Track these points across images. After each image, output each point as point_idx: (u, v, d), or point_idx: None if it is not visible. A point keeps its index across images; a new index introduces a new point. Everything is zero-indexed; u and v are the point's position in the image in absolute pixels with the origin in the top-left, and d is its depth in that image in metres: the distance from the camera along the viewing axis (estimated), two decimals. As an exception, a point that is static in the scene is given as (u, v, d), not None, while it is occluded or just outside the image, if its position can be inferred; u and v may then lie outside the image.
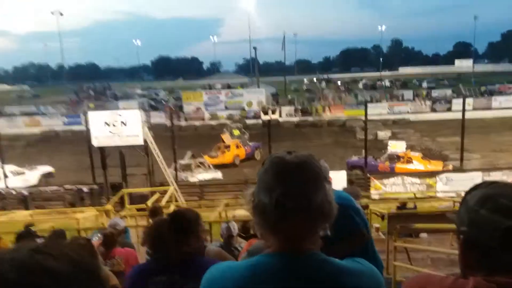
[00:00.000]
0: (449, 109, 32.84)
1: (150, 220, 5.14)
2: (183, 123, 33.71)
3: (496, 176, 14.68)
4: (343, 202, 1.33)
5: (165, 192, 11.20)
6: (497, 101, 34.36)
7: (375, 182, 14.74)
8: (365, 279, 0.92)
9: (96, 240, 4.15)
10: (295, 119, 33.54)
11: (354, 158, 18.11)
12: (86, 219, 9.17)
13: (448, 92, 38.14)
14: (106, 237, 3.81)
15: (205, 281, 0.97)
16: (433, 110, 33.77)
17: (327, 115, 33.91)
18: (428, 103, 34.60)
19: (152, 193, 12.67)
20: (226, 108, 35.92)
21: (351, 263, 0.94)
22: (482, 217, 0.80)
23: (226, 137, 21.99)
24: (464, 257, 0.88)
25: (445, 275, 0.92)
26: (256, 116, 32.18)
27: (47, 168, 18.99)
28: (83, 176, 16.85)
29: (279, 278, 0.88)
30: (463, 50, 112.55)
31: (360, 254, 1.07)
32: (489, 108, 33.46)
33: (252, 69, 50.91)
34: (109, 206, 9.80)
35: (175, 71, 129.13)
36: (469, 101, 31.83)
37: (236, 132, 23.73)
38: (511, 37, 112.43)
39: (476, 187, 0.89)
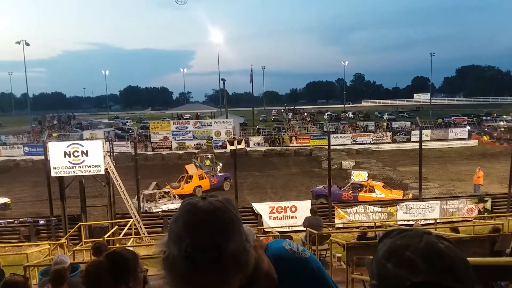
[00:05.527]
0: (408, 140, 34.46)
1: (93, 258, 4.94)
2: (150, 152, 33.24)
3: (453, 204, 15.34)
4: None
5: (125, 224, 10.87)
6: (453, 132, 36.47)
7: (339, 211, 14.98)
8: None
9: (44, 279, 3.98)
10: (263, 148, 34.02)
11: (319, 187, 18.44)
12: (38, 253, 8.70)
13: (408, 123, 40.01)
14: (55, 274, 3.69)
15: None
16: (394, 140, 35.35)
17: (294, 145, 34.61)
18: (389, 134, 36.19)
19: (113, 225, 12.31)
20: (194, 137, 35.94)
21: None
22: (389, 272, 0.78)
23: (190, 167, 21.69)
24: None
25: None
26: (224, 146, 32.28)
27: (3, 200, 18.08)
28: (41, 207, 16.11)
29: None
30: (421, 84, 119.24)
31: None
32: (445, 139, 35.36)
33: (221, 100, 51.44)
34: (63, 240, 9.37)
35: (144, 100, 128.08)
36: (427, 132, 33.61)
37: (208, 163, 23.49)
38: (465, 73, 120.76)
39: (387, 235, 0.87)
